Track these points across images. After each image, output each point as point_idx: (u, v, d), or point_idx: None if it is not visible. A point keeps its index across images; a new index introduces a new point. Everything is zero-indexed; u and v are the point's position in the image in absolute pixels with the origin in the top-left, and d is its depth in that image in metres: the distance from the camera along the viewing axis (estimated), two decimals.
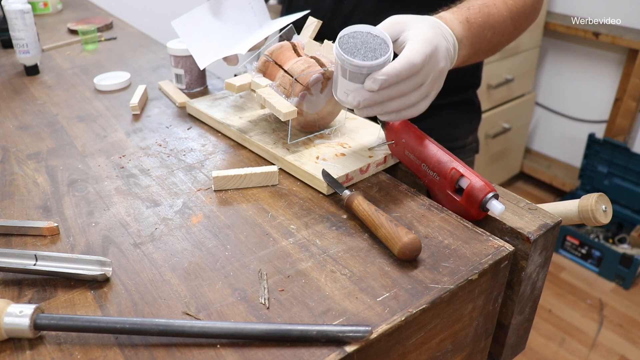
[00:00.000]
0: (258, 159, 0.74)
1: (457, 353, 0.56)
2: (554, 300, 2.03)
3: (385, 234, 0.54)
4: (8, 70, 1.11)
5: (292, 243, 0.56)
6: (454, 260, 0.53)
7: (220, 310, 0.48)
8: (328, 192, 0.64)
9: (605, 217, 0.62)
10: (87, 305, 0.49)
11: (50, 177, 0.70)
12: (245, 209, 0.63)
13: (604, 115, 2.42)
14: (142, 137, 0.81)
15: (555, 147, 2.68)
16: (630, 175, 2.22)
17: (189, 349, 0.44)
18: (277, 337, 0.44)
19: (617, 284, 2.10)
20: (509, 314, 0.60)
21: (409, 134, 0.66)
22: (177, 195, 0.66)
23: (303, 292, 0.50)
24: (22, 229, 0.58)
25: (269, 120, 0.80)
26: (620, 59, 2.29)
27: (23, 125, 0.86)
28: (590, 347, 1.82)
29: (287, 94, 0.70)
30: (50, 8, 1.56)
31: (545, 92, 2.62)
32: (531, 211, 0.59)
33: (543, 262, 0.59)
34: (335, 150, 0.71)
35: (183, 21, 0.77)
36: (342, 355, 0.43)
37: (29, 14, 1.03)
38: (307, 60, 0.71)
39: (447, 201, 0.62)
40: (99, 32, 1.37)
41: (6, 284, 0.52)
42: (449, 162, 0.61)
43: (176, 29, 0.76)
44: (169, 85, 0.97)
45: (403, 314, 0.46)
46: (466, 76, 0.98)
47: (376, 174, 0.69)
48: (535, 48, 2.40)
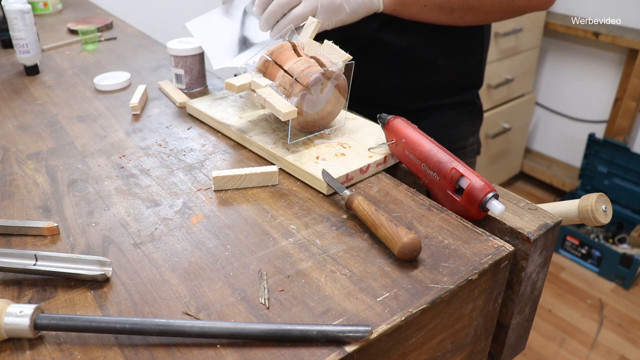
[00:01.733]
0: (258, 159, 0.74)
1: (457, 353, 0.56)
2: (554, 300, 2.03)
3: (385, 234, 0.54)
4: (8, 70, 1.11)
5: (292, 243, 0.56)
6: (454, 260, 0.53)
7: (220, 310, 0.48)
8: (328, 192, 0.64)
9: (605, 217, 0.62)
10: (87, 305, 0.49)
11: (50, 177, 0.70)
12: (245, 209, 0.63)
13: (604, 115, 2.42)
14: (142, 137, 0.81)
15: (555, 147, 2.68)
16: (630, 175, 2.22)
17: (189, 349, 0.44)
18: (277, 337, 0.44)
19: (617, 284, 2.10)
20: (509, 314, 0.60)
21: (409, 134, 0.66)
22: (177, 195, 0.66)
23: (303, 292, 0.50)
24: (22, 229, 0.58)
25: (269, 120, 0.80)
26: (620, 59, 2.29)
27: (23, 125, 0.86)
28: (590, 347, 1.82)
29: (287, 94, 0.70)
30: (50, 8, 1.56)
31: (545, 92, 2.62)
32: (531, 211, 0.59)
33: (543, 262, 0.59)
34: (335, 150, 0.71)
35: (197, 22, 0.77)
36: (342, 355, 0.43)
37: (29, 14, 1.03)
38: (307, 60, 0.71)
39: (447, 201, 0.62)
40: (99, 32, 1.37)
41: (6, 284, 0.52)
42: (449, 162, 0.61)
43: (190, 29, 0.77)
44: (169, 85, 0.97)
45: (403, 314, 0.46)
46: (468, 76, 0.98)
47: (376, 174, 0.69)
48: (535, 48, 2.40)
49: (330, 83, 0.71)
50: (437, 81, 0.94)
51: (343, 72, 0.72)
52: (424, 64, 0.92)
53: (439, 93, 0.96)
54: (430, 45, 0.90)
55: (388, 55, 0.91)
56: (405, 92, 0.95)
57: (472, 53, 0.95)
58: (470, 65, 0.97)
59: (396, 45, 0.89)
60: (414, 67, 0.92)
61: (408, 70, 0.92)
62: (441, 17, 0.82)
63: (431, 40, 0.90)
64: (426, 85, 0.94)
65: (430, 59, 0.92)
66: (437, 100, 0.97)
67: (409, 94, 0.95)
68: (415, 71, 0.92)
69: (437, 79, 0.94)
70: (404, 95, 0.95)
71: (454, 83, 0.96)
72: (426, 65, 0.92)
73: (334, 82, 0.71)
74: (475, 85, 1.01)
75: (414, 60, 0.91)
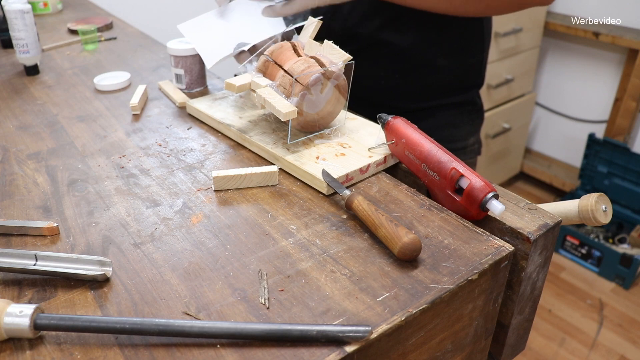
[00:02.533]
0: (258, 159, 0.74)
1: (457, 353, 0.56)
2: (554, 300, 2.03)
3: (385, 234, 0.54)
4: (8, 70, 1.11)
5: (292, 243, 0.56)
6: (454, 260, 0.53)
7: (220, 310, 0.48)
8: (328, 192, 0.64)
9: (605, 217, 0.62)
10: (87, 305, 0.49)
11: (50, 177, 0.70)
12: (245, 209, 0.63)
13: (604, 115, 2.42)
14: (142, 137, 0.81)
15: (555, 147, 2.68)
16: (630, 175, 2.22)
17: (189, 349, 0.44)
18: (277, 337, 0.44)
19: (617, 284, 2.10)
20: (509, 314, 0.60)
21: (409, 134, 0.66)
22: (177, 195, 0.66)
23: (303, 292, 0.50)
24: (22, 229, 0.58)
25: (269, 120, 0.80)
26: (620, 59, 2.29)
27: (23, 125, 0.86)
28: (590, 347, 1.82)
29: (287, 94, 0.70)
30: (50, 8, 1.56)
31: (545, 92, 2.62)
32: (531, 211, 0.59)
33: (543, 262, 0.59)
34: (335, 150, 0.71)
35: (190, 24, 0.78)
36: (342, 355, 0.43)
37: (29, 14, 1.03)
38: (307, 60, 0.71)
39: (447, 201, 0.62)
40: (99, 32, 1.37)
41: (6, 284, 0.52)
42: (448, 162, 0.61)
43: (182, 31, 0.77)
44: (169, 85, 0.97)
45: (403, 314, 0.46)
46: (469, 76, 0.98)
47: (376, 174, 0.69)
48: (535, 48, 2.40)
49: (330, 83, 0.71)
50: (438, 81, 0.94)
51: (343, 72, 0.72)
52: (425, 63, 0.92)
53: (440, 93, 0.96)
54: (431, 45, 0.90)
55: (389, 55, 0.91)
56: (406, 92, 0.95)
57: (472, 53, 0.95)
58: (471, 65, 0.97)
59: (397, 45, 0.89)
60: (415, 67, 0.92)
61: (409, 70, 0.92)
62: (440, 5, 0.80)
63: (432, 40, 0.90)
64: (427, 85, 0.94)
65: (431, 58, 0.92)
66: (437, 100, 0.97)
67: (409, 93, 0.95)
68: (415, 71, 0.93)
69: (438, 78, 0.94)
70: (405, 95, 0.95)
71: (455, 83, 0.96)
72: (427, 65, 0.92)
73: (334, 82, 0.71)
74: (476, 85, 1.01)
75: (415, 60, 0.91)
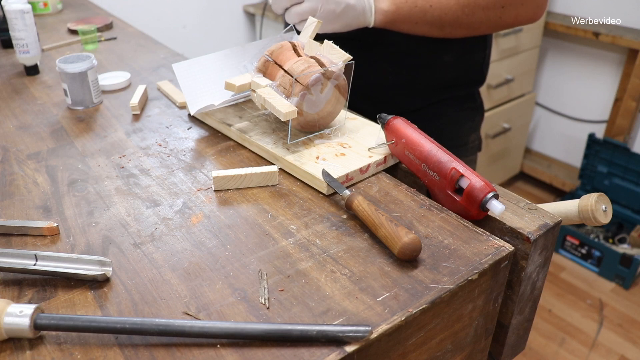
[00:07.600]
0: (258, 159, 0.74)
1: (457, 353, 0.56)
2: (554, 300, 2.03)
3: (385, 234, 0.54)
4: (8, 70, 1.11)
5: (292, 243, 0.56)
6: (454, 260, 0.53)
7: (220, 310, 0.48)
8: (328, 192, 0.64)
9: (605, 217, 0.62)
10: (87, 305, 0.49)
11: (50, 177, 0.70)
12: (245, 209, 0.63)
13: (604, 115, 2.42)
14: (142, 137, 0.81)
15: (555, 147, 2.68)
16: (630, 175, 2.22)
17: (189, 349, 0.44)
18: (277, 337, 0.44)
19: (617, 284, 2.10)
20: (509, 314, 0.60)
21: (409, 134, 0.66)
22: (177, 195, 0.66)
23: (303, 292, 0.50)
24: (22, 229, 0.58)
25: (269, 120, 0.80)
26: (620, 59, 2.29)
27: (23, 125, 0.86)
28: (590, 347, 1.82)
29: (287, 94, 0.70)
30: (50, 8, 1.56)
31: (545, 92, 2.62)
32: (531, 211, 0.59)
33: (543, 262, 0.59)
34: (335, 150, 0.71)
35: (184, 66, 0.79)
36: (342, 355, 0.43)
37: (29, 14, 1.03)
38: (307, 60, 0.71)
39: (447, 201, 0.62)
40: (99, 32, 1.37)
41: (6, 284, 0.52)
42: (448, 162, 0.61)
43: (176, 71, 0.78)
44: (168, 86, 0.97)
45: (403, 314, 0.46)
46: (471, 73, 0.99)
47: (376, 174, 0.69)
48: (535, 48, 2.40)
49: (330, 83, 0.71)
50: (442, 77, 0.95)
51: (343, 72, 0.72)
52: (430, 61, 0.93)
53: (443, 89, 0.97)
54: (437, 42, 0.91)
55: (394, 53, 0.92)
56: (411, 89, 0.95)
57: (476, 49, 0.97)
58: (475, 61, 0.98)
59: (402, 44, 0.90)
60: (421, 65, 0.93)
61: (415, 67, 0.93)
62: (432, 32, 0.86)
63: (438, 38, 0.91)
64: (431, 81, 0.95)
65: (437, 56, 0.93)
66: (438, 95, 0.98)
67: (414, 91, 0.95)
68: (421, 68, 0.93)
69: (443, 75, 0.95)
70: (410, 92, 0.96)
71: (459, 79, 0.97)
72: (432, 62, 0.93)
73: (334, 82, 0.71)
74: (477, 81, 1.01)
75: (422, 57, 0.92)
